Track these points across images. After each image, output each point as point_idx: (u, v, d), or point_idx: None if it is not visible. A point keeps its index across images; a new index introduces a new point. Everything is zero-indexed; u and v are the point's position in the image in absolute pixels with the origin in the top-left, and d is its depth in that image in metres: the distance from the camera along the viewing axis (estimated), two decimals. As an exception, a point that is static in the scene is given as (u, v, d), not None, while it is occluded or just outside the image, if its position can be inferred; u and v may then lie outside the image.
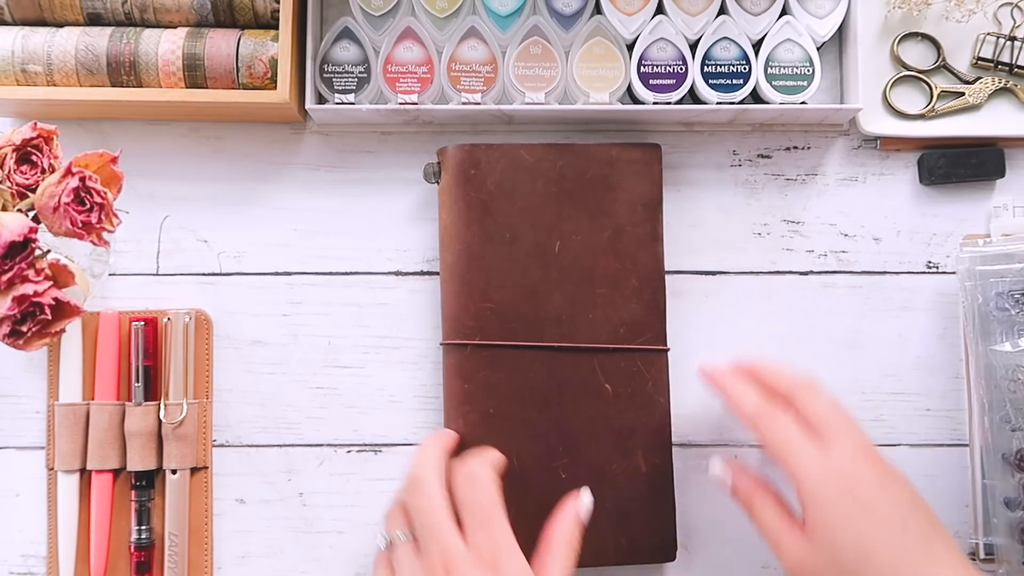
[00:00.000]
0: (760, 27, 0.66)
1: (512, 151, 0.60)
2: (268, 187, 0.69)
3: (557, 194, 0.60)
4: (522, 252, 0.60)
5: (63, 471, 0.65)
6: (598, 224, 0.60)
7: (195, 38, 0.65)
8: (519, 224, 0.60)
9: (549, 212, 0.60)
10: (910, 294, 0.68)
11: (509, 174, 0.60)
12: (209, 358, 0.67)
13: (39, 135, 0.53)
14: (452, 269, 0.60)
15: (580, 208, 0.60)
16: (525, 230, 0.60)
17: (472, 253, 0.60)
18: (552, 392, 0.59)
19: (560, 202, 0.60)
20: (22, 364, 0.67)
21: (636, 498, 0.59)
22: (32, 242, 0.50)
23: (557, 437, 0.59)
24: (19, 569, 0.66)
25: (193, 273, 0.68)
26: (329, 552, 0.66)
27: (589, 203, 0.60)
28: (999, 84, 0.68)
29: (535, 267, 0.59)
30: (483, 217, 0.60)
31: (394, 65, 0.66)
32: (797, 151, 0.69)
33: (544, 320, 0.59)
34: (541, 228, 0.60)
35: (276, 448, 0.67)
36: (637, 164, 0.61)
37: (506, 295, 0.59)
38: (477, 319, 0.59)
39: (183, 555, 0.65)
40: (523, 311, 0.59)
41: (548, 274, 0.59)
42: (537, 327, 0.59)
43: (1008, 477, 0.62)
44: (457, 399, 0.60)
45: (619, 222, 0.60)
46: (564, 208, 0.60)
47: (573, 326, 0.59)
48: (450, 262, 0.60)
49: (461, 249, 0.60)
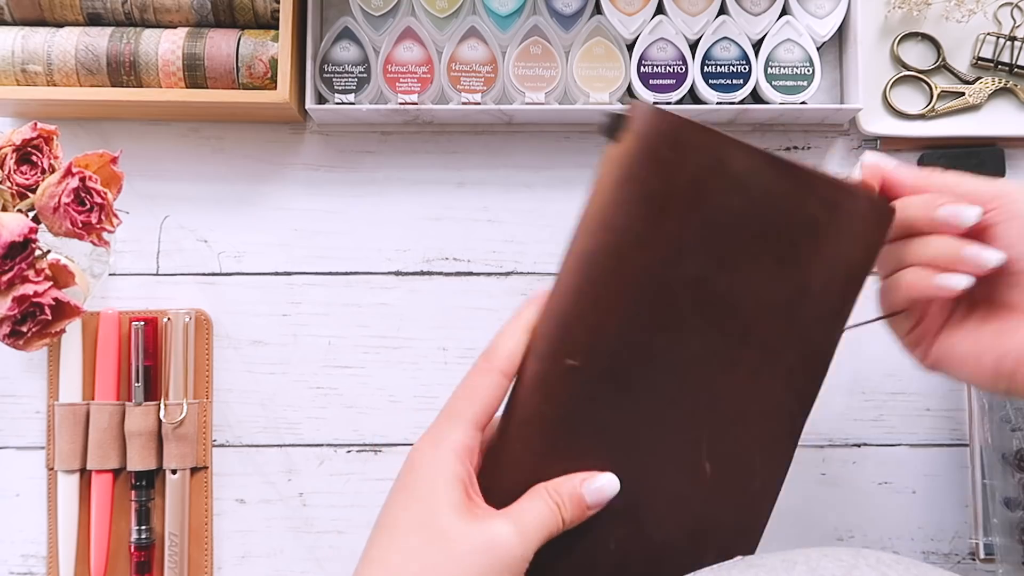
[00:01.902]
0: (760, 27, 0.66)
1: (724, 147, 0.45)
2: (268, 187, 0.69)
3: (753, 222, 0.45)
4: (680, 276, 0.45)
5: (63, 471, 0.65)
6: (784, 274, 0.46)
7: (195, 38, 0.65)
8: (693, 241, 0.45)
9: (734, 240, 0.45)
10: (910, 294, 0.68)
11: (710, 175, 0.44)
12: (209, 358, 0.67)
13: (39, 135, 0.53)
14: (589, 260, 0.45)
15: (771, 248, 0.45)
16: (696, 250, 0.45)
17: (622, 253, 0.45)
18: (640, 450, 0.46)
19: (752, 231, 0.45)
20: (22, 364, 0.67)
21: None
22: (32, 242, 0.50)
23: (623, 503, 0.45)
24: (19, 569, 0.66)
25: (193, 273, 0.68)
26: (329, 552, 0.66)
27: (784, 245, 0.46)
28: (999, 84, 0.68)
29: (688, 299, 0.45)
30: (656, 216, 0.44)
31: (394, 65, 0.66)
32: (797, 151, 0.69)
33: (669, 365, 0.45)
34: (715, 255, 0.45)
35: (276, 448, 0.67)
36: (860, 221, 0.46)
37: (640, 319, 0.44)
38: (591, 334, 0.45)
39: (183, 555, 0.65)
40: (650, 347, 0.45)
41: (699, 312, 0.45)
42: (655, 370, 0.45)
43: (1008, 477, 0.62)
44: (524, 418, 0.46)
45: (810, 283, 0.46)
46: (753, 241, 0.45)
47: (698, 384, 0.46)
48: (590, 250, 0.45)
49: (610, 241, 0.45)
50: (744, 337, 0.46)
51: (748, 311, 0.45)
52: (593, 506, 0.43)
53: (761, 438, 0.46)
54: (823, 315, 0.46)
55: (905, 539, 0.66)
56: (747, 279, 0.45)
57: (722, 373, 0.45)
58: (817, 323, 0.46)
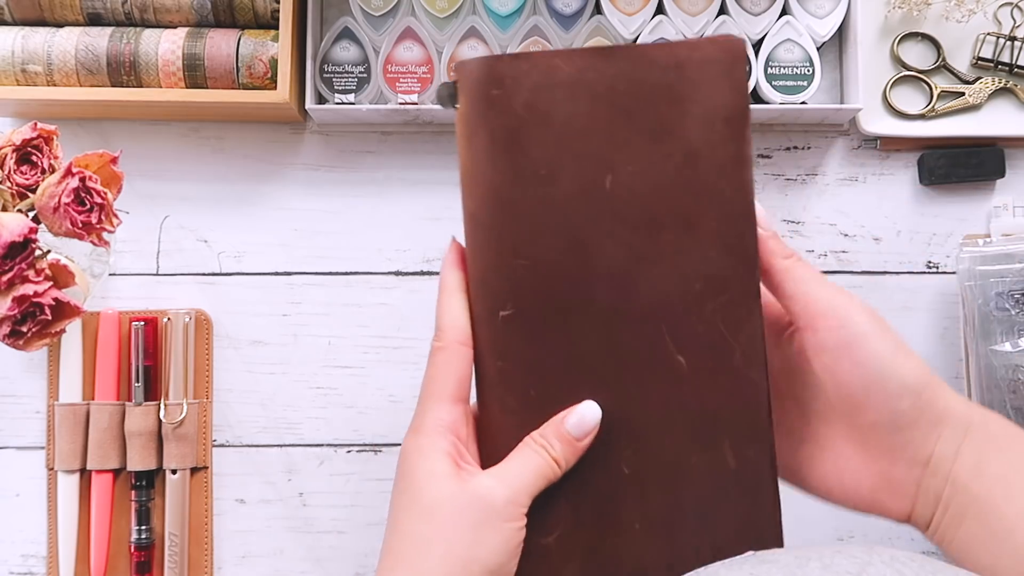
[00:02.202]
0: (760, 27, 0.66)
1: (546, 62, 0.45)
2: (268, 187, 0.69)
3: (607, 114, 0.45)
4: (563, 192, 0.45)
5: (63, 471, 0.65)
6: (663, 149, 0.45)
7: (195, 38, 0.65)
8: (558, 157, 0.45)
9: (597, 138, 0.45)
10: (910, 294, 0.68)
11: (543, 92, 0.45)
12: (209, 358, 0.67)
13: (39, 135, 0.53)
14: (476, 219, 0.46)
15: (638, 130, 0.45)
16: (566, 164, 0.45)
17: (500, 197, 0.46)
18: (609, 368, 0.46)
19: (611, 124, 0.45)
20: (22, 364, 0.67)
21: (722, 499, 0.46)
22: (32, 242, 0.50)
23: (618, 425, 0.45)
24: (19, 569, 0.66)
25: (193, 273, 0.68)
26: (329, 552, 0.66)
27: (650, 122, 0.45)
28: (999, 84, 0.68)
29: (581, 210, 0.45)
30: (511, 150, 0.46)
31: (394, 65, 0.66)
32: (797, 151, 0.69)
33: (595, 277, 0.45)
34: (587, 160, 0.45)
35: (276, 448, 0.67)
36: (714, 65, 0.45)
37: (545, 248, 0.45)
38: (509, 280, 0.45)
39: (183, 555, 0.65)
40: (568, 267, 0.45)
41: (599, 218, 0.45)
42: (587, 287, 0.45)
43: (1008, 477, 0.62)
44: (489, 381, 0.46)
45: (692, 144, 0.45)
46: (617, 131, 0.45)
47: (634, 283, 0.45)
48: (473, 210, 0.46)
49: (486, 193, 0.46)
50: (654, 222, 0.45)
51: (646, 196, 0.45)
52: (581, 438, 0.43)
53: (719, 310, 0.45)
54: (723, 166, 0.46)
55: (905, 539, 0.66)
56: (630, 168, 0.45)
57: (651, 264, 0.45)
58: (721, 178, 0.46)
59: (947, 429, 0.41)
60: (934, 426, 0.41)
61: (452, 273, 0.45)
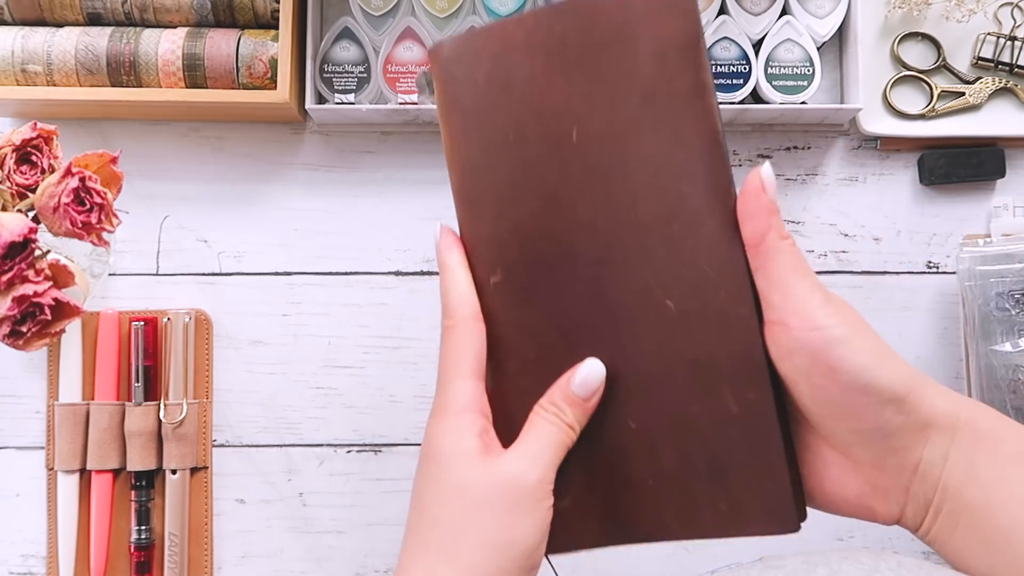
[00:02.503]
0: (760, 27, 0.66)
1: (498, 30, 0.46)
2: (268, 187, 0.69)
3: (562, 68, 0.46)
4: (533, 153, 0.46)
5: (63, 471, 0.65)
6: (621, 92, 0.45)
7: (195, 38, 0.65)
8: (523, 119, 0.46)
9: (557, 94, 0.46)
10: (910, 294, 0.68)
11: (500, 60, 0.46)
12: (209, 358, 0.67)
13: (39, 135, 0.53)
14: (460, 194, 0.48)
15: (595, 78, 0.45)
16: (532, 124, 0.46)
17: (476, 168, 0.47)
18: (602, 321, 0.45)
19: (569, 78, 0.46)
20: (22, 364, 0.67)
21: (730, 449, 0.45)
22: (32, 242, 0.50)
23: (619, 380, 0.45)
24: (19, 569, 0.66)
25: (193, 273, 0.68)
26: (329, 552, 0.66)
27: (604, 68, 0.45)
28: (999, 84, 0.68)
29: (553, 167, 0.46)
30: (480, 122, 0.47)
31: (394, 65, 0.66)
32: (797, 151, 0.69)
33: (575, 231, 0.46)
34: (551, 117, 0.46)
35: (276, 448, 0.67)
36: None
37: (523, 211, 0.46)
38: (496, 247, 0.46)
39: (183, 555, 0.65)
40: (547, 225, 0.46)
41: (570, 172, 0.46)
42: (568, 241, 0.45)
43: (1008, 477, 0.62)
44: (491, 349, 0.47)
45: (649, 81, 0.45)
46: (575, 84, 0.46)
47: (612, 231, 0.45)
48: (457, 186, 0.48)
49: (464, 167, 0.47)
50: (624, 167, 0.45)
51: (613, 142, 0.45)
52: (589, 397, 0.42)
53: (698, 247, 0.45)
54: (682, 96, 0.45)
55: (905, 539, 0.66)
56: (594, 117, 0.46)
57: (627, 210, 0.45)
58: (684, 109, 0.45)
59: (934, 433, 0.39)
60: (921, 431, 0.39)
61: (450, 253, 0.45)
